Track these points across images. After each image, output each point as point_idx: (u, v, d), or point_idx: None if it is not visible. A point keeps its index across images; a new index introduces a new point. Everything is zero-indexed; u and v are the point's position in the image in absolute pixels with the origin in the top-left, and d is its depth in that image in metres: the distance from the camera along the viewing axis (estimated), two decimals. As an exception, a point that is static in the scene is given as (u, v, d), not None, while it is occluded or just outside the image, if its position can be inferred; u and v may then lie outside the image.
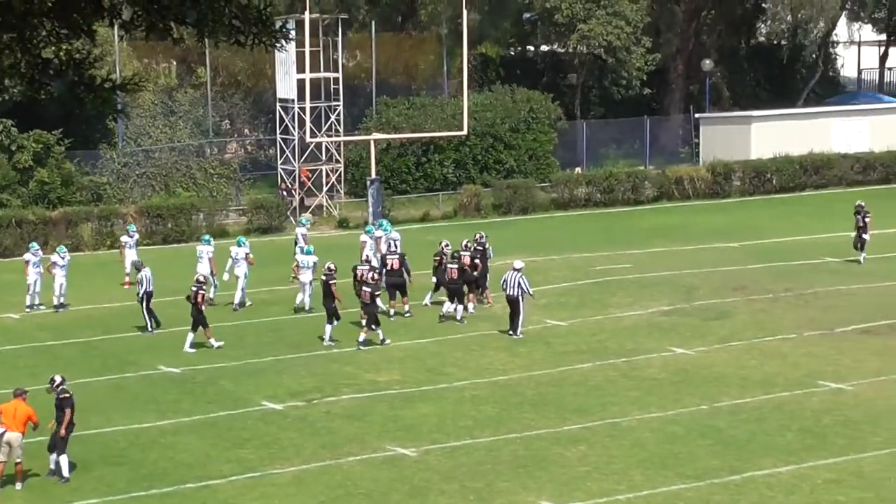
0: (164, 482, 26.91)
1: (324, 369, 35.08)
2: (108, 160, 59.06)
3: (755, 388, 32.91)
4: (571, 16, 68.83)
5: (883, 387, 33.02)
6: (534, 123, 65.28)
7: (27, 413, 26.47)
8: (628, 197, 62.71)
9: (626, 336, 38.29)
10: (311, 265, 41.64)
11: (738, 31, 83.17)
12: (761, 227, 55.25)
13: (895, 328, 38.73)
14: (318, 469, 27.54)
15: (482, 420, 30.77)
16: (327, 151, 61.39)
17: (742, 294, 43.12)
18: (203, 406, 32.11)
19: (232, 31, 4.75)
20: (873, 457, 27.94)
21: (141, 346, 38.00)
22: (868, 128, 69.68)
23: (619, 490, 26.14)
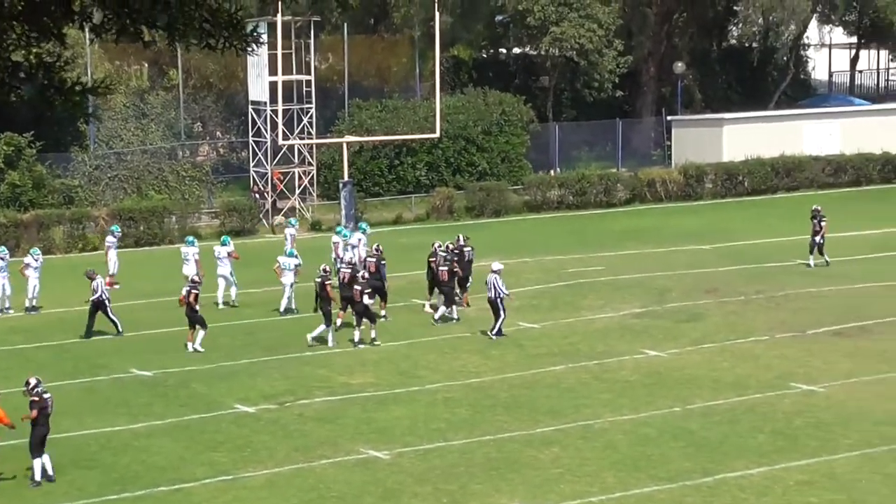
0: (137, 485, 26.85)
1: (297, 372, 35.06)
2: (80, 163, 58.88)
3: (727, 390, 32.98)
4: (544, 18, 68.88)
5: (854, 388, 33.12)
6: (506, 126, 65.29)
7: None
8: (600, 199, 62.76)
9: (598, 338, 38.34)
10: (292, 267, 41.62)
11: (709, 34, 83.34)
12: (733, 229, 55.39)
13: (866, 330, 38.85)
14: (291, 472, 27.51)
15: (455, 422, 30.78)
16: (300, 154, 61.31)
17: (714, 296, 43.21)
18: (175, 409, 32.05)
19: (203, 35, 4.73)
20: (845, 458, 28.02)
21: (112, 349, 37.92)
22: (839, 130, 69.88)
23: (592, 492, 26.18)
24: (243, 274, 46.56)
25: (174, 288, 45.02)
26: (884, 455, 28.26)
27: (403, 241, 48.49)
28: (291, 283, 41.59)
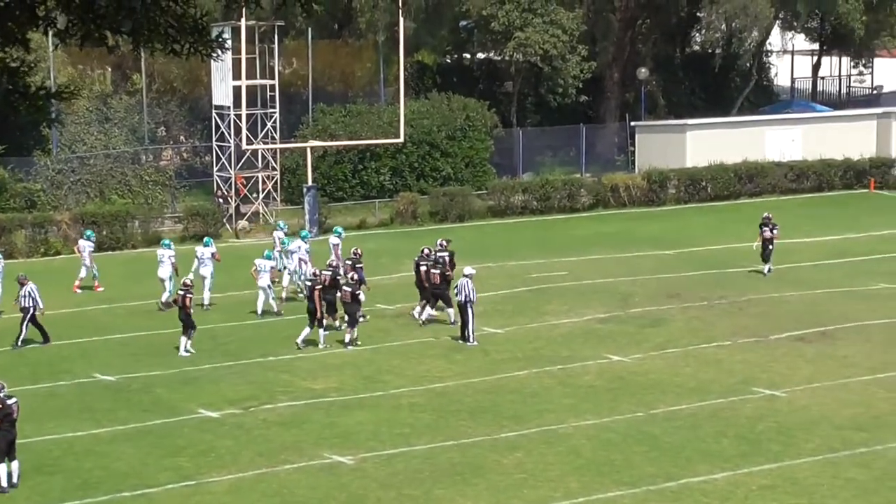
0: (99, 491, 26.78)
1: (260, 377, 35.01)
2: (43, 167, 58.64)
3: (690, 395, 33.08)
4: (508, 24, 68.97)
5: (816, 393, 33.26)
6: (470, 131, 65.33)
7: None
8: (564, 205, 62.80)
9: (561, 343, 38.39)
10: (268, 269, 41.67)
11: (673, 40, 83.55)
12: (696, 234, 55.54)
13: (827, 335, 39.03)
14: (255, 477, 27.48)
15: (419, 427, 30.78)
16: (263, 159, 61.22)
17: (677, 301, 43.31)
18: (139, 414, 31.95)
19: (168, 40, 4.73)
20: (807, 463, 28.15)
21: (75, 353, 37.76)
22: (801, 136, 70.16)
23: (556, 497, 26.23)
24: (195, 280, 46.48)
25: (138, 292, 45.07)
26: (845, 460, 28.40)
27: (369, 247, 48.36)
28: (268, 284, 41.62)
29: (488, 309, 42.20)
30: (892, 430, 30.38)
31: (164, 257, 43.50)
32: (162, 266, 43.23)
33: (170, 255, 43.48)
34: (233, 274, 46.58)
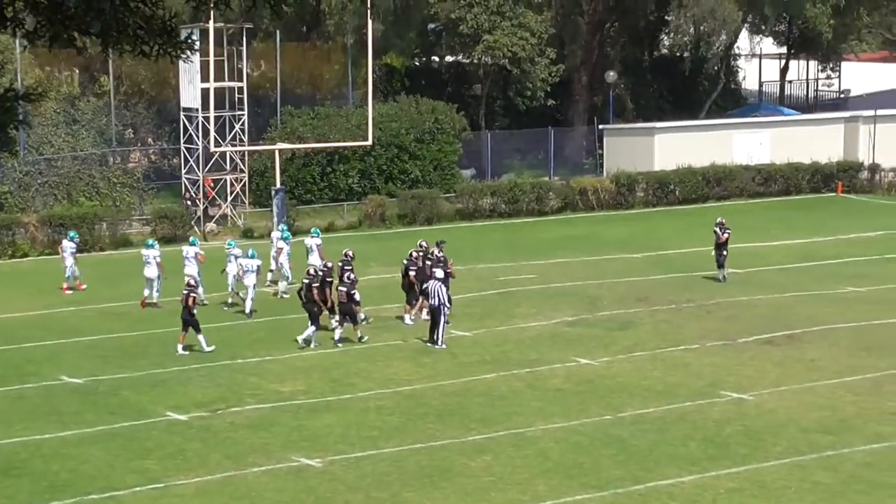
0: (67, 493, 26.70)
1: (228, 379, 34.96)
2: (10, 169, 58.51)
3: (658, 398, 33.14)
4: (476, 27, 69.04)
5: (783, 397, 33.36)
6: (438, 134, 65.38)
7: None
8: (533, 208, 62.90)
9: (530, 346, 38.42)
10: (254, 268, 41.80)
11: (641, 44, 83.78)
12: (664, 238, 55.65)
13: (794, 338, 39.15)
14: (223, 480, 27.43)
15: (387, 430, 30.77)
16: (231, 161, 61.16)
17: (645, 305, 43.40)
18: (106, 417, 31.87)
19: (136, 42, 4.73)
20: (774, 466, 28.22)
21: (42, 356, 37.64)
22: (769, 140, 70.40)
23: (524, 500, 26.24)
24: (176, 281, 46.35)
25: (107, 294, 44.97)
26: (812, 463, 28.48)
27: (337, 249, 48.32)
28: (254, 284, 41.72)
29: (457, 312, 42.20)
30: (859, 433, 30.49)
31: (149, 258, 43.63)
32: (148, 266, 43.35)
33: (155, 255, 43.62)
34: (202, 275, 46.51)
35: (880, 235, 56.95)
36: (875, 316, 41.73)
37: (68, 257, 46.34)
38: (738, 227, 56.87)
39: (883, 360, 36.75)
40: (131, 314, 42.67)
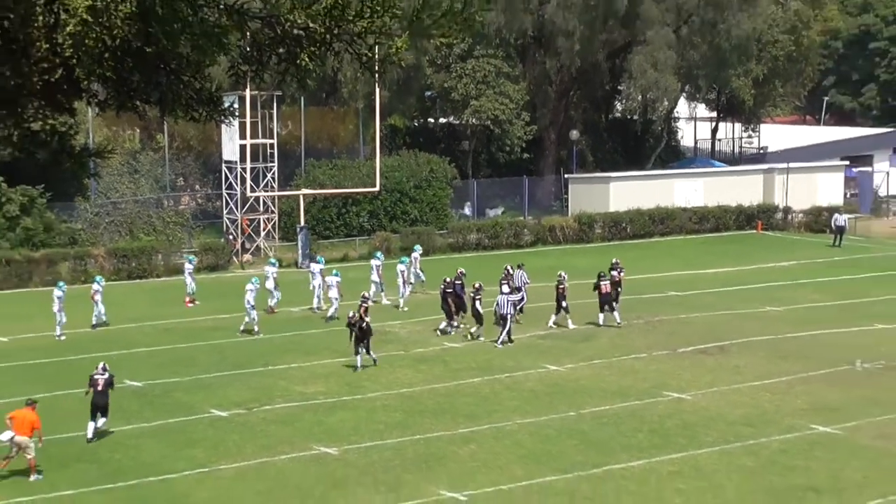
0: (129, 477, 26.69)
1: (260, 383, 34.93)
2: (83, 210, 58.55)
3: (613, 398, 33.14)
4: (465, 94, 69.22)
5: (714, 396, 33.38)
6: (433, 181, 65.38)
7: (32, 421, 26.50)
8: (511, 241, 62.85)
9: (508, 356, 38.39)
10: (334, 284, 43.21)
11: (598, 108, 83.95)
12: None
13: (724, 349, 39.17)
14: (257, 465, 27.40)
15: (391, 424, 30.74)
16: (264, 204, 61.15)
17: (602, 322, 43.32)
18: (161, 414, 31.85)
19: (188, 109, 4.77)
20: (707, 453, 28.23)
21: (109, 363, 37.50)
22: (703, 187, 70.49)
23: (503, 481, 26.23)
24: (216, 304, 46.34)
25: (161, 313, 44.92)
26: (738, 450, 28.51)
27: (351, 276, 48.32)
28: (336, 296, 42.78)
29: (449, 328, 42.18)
30: (776, 425, 30.52)
31: (269, 273, 44.85)
32: (267, 281, 44.12)
33: (273, 271, 44.92)
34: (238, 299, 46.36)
35: (793, 265, 57.04)
36: (789, 330, 41.79)
37: (188, 276, 47.01)
38: (677, 258, 57.11)
39: (795, 365, 36.79)
40: (180, 330, 42.59)
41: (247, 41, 4.72)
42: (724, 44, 73.90)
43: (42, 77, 4.63)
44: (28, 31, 4.52)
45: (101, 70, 4.56)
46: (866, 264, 56.58)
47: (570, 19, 69.60)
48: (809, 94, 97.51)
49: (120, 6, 4.43)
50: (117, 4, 4.43)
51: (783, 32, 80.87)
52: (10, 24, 4.54)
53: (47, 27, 4.49)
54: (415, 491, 25.63)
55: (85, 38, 4.44)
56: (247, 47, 4.73)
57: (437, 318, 42.45)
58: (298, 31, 4.71)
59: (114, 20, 4.44)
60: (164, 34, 4.56)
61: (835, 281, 52.46)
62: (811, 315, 44.74)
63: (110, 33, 4.47)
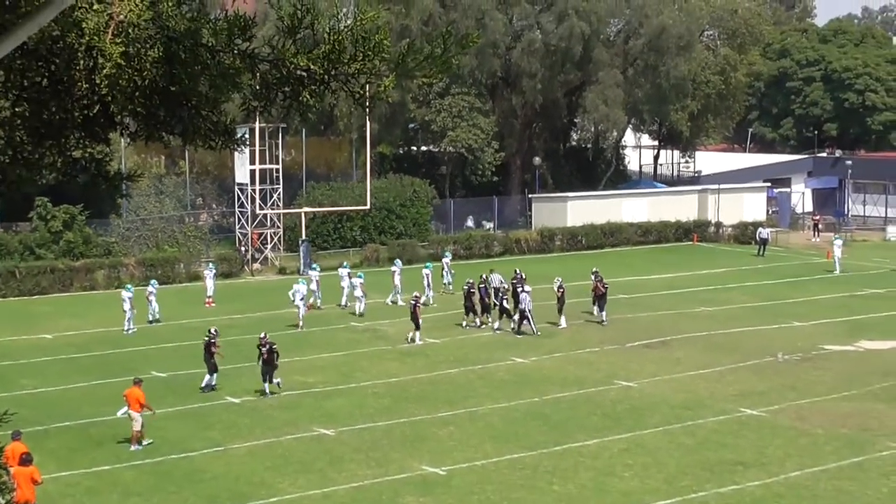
0: (156, 454, 26.67)
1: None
2: (116, 226, 58.45)
3: (571, 386, 33.21)
4: (443, 126, 69.30)
5: (658, 384, 33.49)
6: (416, 201, 65.34)
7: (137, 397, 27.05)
8: (482, 252, 62.79)
9: (482, 350, 38.45)
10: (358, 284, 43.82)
11: (557, 138, 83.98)
12: (575, 273, 55.38)
13: (666, 343, 39.31)
14: (265, 444, 27.39)
15: (380, 409, 30.76)
16: (271, 220, 61.00)
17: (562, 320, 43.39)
18: (183, 400, 31.82)
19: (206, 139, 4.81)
20: (651, 433, 28.33)
21: (139, 357, 37.48)
22: (647, 205, 70.64)
23: (477, 457, 26.27)
24: (231, 306, 46.25)
25: (184, 313, 44.78)
26: (678, 430, 28.61)
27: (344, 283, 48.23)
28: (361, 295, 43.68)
29: (430, 326, 42.17)
30: (710, 409, 30.63)
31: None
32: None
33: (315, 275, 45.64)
34: (249, 301, 46.44)
35: (724, 271, 57.21)
36: (721, 327, 41.93)
37: (210, 280, 47.82)
38: (625, 266, 57.14)
39: (726, 357, 36.93)
40: (200, 328, 42.41)
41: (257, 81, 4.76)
42: (665, 83, 74.27)
43: (82, 112, 4.65)
44: (71, 73, 4.54)
45: (133, 106, 4.58)
46: (785, 271, 56.82)
47: (532, 63, 69.93)
48: (737, 126, 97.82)
49: (149, 52, 4.45)
50: (147, 50, 4.45)
51: (714, 74, 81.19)
52: (56, 68, 4.56)
53: (87, 70, 4.51)
54: (401, 466, 25.66)
55: (119, 79, 4.46)
56: (257, 86, 4.77)
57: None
58: (301, 72, 4.74)
59: (144, 64, 4.47)
60: (187, 75, 4.59)
61: (759, 285, 52.63)
62: (739, 314, 44.89)
63: (140, 75, 4.49)
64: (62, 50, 4.51)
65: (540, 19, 71.38)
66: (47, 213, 54.05)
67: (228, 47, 4.64)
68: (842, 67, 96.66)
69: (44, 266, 51.28)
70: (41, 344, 39.97)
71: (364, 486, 24.41)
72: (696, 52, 75.21)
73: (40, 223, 54.40)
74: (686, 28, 72.74)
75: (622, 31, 76.90)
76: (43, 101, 4.63)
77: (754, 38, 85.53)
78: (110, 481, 24.90)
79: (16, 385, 32.87)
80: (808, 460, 26.19)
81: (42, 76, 4.59)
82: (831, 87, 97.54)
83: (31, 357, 37.39)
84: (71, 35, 4.46)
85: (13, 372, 35.12)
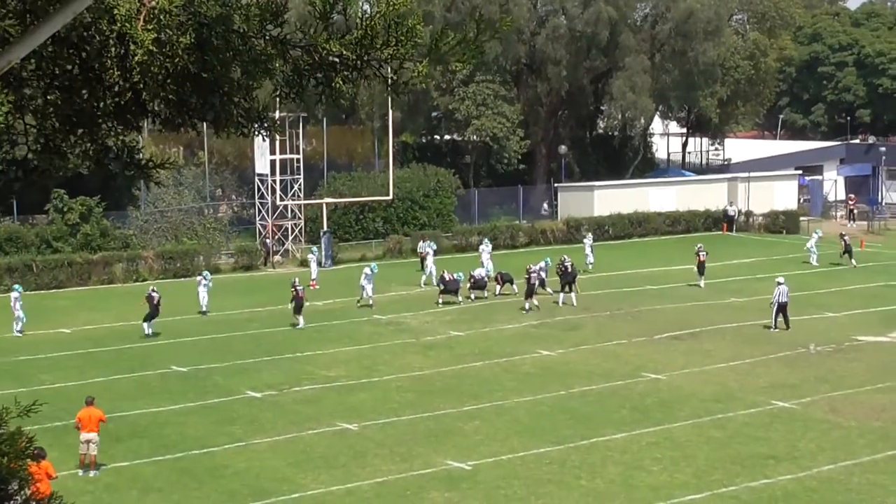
0: (176, 450, 26.78)
1: (290, 367, 35.01)
2: (134, 218, 58.73)
3: (598, 379, 33.21)
4: (467, 115, 69.28)
5: (687, 377, 33.45)
6: (440, 191, 65.40)
7: (98, 416, 25.37)
8: (507, 243, 62.79)
9: (507, 343, 38.47)
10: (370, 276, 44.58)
11: (584, 126, 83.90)
12: (601, 264, 55.49)
13: (695, 335, 39.24)
14: (287, 439, 27.49)
15: (404, 403, 30.83)
16: (292, 211, 61.21)
17: (588, 312, 43.43)
18: (203, 395, 31.95)
19: (239, 126, 4.89)
20: (681, 426, 28.31)
21: (158, 351, 37.67)
22: (675, 194, 70.49)
23: (503, 452, 26.31)
24: (249, 298, 46.40)
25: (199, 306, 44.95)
26: (707, 423, 28.59)
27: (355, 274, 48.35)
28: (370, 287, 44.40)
29: (454, 318, 42.27)
30: (741, 402, 30.59)
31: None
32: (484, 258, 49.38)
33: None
34: (269, 294, 46.56)
35: (753, 261, 57.04)
36: (751, 318, 41.82)
37: (314, 265, 50.42)
38: (653, 256, 57.07)
39: (756, 349, 36.87)
40: (221, 321, 42.63)
41: (289, 67, 4.82)
42: (693, 69, 74.07)
43: (114, 100, 4.72)
44: (103, 61, 4.61)
45: (165, 93, 4.65)
46: (818, 260, 56.44)
47: (558, 49, 69.81)
48: (767, 113, 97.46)
49: (181, 38, 4.51)
50: (178, 37, 4.52)
51: (744, 59, 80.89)
52: (88, 56, 4.63)
53: (119, 57, 4.58)
54: (425, 461, 25.72)
55: (150, 66, 4.52)
56: (289, 72, 4.83)
57: (438, 312, 42.45)
58: (334, 58, 4.79)
59: (175, 50, 4.53)
60: (219, 62, 4.65)
61: (789, 275, 52.41)
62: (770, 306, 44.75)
63: (172, 62, 4.55)
64: (93, 37, 4.57)
65: (565, 4, 71.24)
66: (64, 205, 54.31)
67: (260, 33, 4.70)
68: (875, 52, 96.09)
69: (61, 259, 51.52)
70: (59, 338, 40.18)
71: (388, 481, 24.48)
72: (724, 37, 74.94)
73: (57, 215, 54.67)
74: (714, 12, 72.48)
75: (649, 16, 76.69)
76: (74, 89, 4.70)
77: (785, 21, 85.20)
78: (129, 477, 25.05)
79: (35, 380, 33.09)
80: (841, 454, 26.13)
81: (73, 64, 4.66)
82: (864, 73, 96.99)
83: (49, 352, 37.62)
84: (102, 22, 4.53)
85: (32, 367, 35.36)
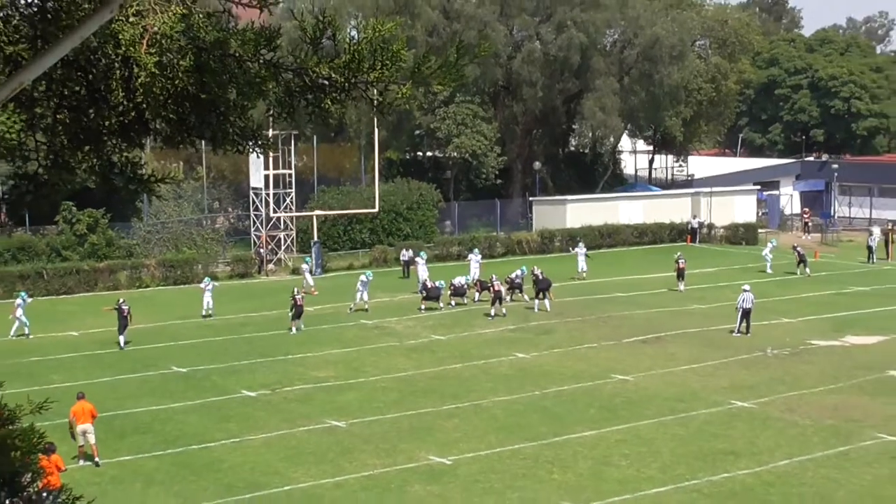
0: (176, 445, 26.72)
1: (282, 368, 34.96)
2: (137, 229, 58.59)
3: (570, 380, 33.25)
4: (448, 133, 69.34)
5: (653, 378, 33.52)
6: (422, 204, 65.43)
7: (90, 409, 25.58)
8: (485, 253, 62.56)
9: (485, 346, 38.49)
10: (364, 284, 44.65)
11: (557, 143, 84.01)
12: (573, 273, 55.62)
13: (661, 339, 39.34)
14: (280, 436, 27.45)
15: (389, 402, 30.82)
16: (284, 223, 61.12)
17: (561, 318, 43.48)
18: (201, 394, 31.88)
19: (235, 143, 4.92)
20: (647, 424, 28.36)
21: (159, 353, 37.58)
22: (642, 208, 70.64)
23: (481, 448, 26.33)
24: (244, 304, 46.30)
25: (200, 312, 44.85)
26: (672, 421, 28.65)
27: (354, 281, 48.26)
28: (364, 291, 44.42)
29: (435, 323, 42.28)
30: (703, 402, 30.67)
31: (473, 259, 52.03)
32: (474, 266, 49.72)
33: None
34: (263, 300, 46.52)
35: (715, 270, 57.22)
36: (713, 324, 41.95)
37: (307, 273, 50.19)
38: (622, 266, 57.16)
39: (718, 352, 36.98)
40: (218, 325, 42.54)
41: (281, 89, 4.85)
42: (659, 91, 74.31)
43: (119, 118, 4.74)
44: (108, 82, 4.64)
45: (166, 113, 4.68)
46: (773, 270, 56.64)
47: (533, 72, 69.99)
48: (728, 132, 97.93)
49: (181, 62, 4.54)
50: (179, 60, 4.54)
51: (706, 82, 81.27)
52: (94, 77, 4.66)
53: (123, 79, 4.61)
54: (409, 456, 25.73)
55: (153, 87, 4.55)
56: (281, 94, 4.86)
57: (421, 317, 42.47)
58: (323, 80, 4.83)
59: (176, 72, 4.56)
60: (216, 83, 4.68)
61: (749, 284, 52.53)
62: (730, 312, 44.84)
63: (173, 83, 4.58)
64: (100, 60, 4.61)
65: (539, 30, 71.44)
66: (72, 216, 54.22)
67: (254, 57, 4.73)
68: (828, 75, 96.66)
69: (70, 267, 51.44)
70: (68, 341, 40.05)
71: (374, 475, 24.48)
72: (688, 61, 75.27)
73: (66, 226, 54.59)
74: (679, 38, 72.81)
75: (618, 42, 76.95)
76: (82, 109, 4.73)
77: (744, 47, 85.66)
78: (133, 470, 24.99)
79: (46, 380, 32.97)
80: (797, 450, 26.24)
81: (81, 85, 4.69)
82: (818, 95, 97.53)
83: (59, 353, 37.50)
84: (108, 46, 4.56)
85: (43, 367, 35.24)
